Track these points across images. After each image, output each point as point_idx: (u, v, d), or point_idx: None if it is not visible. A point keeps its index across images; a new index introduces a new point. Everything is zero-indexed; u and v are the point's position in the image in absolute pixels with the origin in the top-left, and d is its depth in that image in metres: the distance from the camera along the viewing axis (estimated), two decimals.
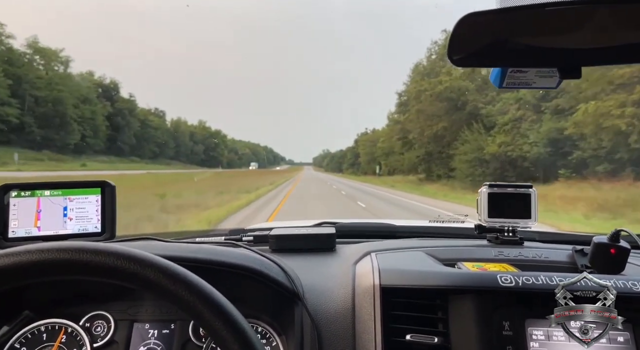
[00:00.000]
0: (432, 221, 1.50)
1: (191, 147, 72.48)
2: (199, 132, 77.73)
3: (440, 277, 0.85)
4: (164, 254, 0.59)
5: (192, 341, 0.90)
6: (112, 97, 53.00)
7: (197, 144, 74.73)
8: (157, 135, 58.95)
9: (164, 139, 60.66)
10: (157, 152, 59.85)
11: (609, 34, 0.64)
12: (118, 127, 50.84)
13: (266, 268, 0.86)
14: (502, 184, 1.06)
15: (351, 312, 0.85)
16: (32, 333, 0.90)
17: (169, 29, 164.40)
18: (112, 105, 51.30)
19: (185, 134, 70.39)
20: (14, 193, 0.93)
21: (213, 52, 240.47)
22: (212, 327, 0.52)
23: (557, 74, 0.74)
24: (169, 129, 65.62)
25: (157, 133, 59.14)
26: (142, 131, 56.03)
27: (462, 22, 0.63)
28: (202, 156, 75.19)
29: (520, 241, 1.07)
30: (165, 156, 62.09)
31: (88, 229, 0.97)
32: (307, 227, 1.28)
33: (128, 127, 52.98)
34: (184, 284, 0.53)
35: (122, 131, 51.44)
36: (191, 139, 73.05)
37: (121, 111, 52.05)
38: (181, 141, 68.14)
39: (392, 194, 21.59)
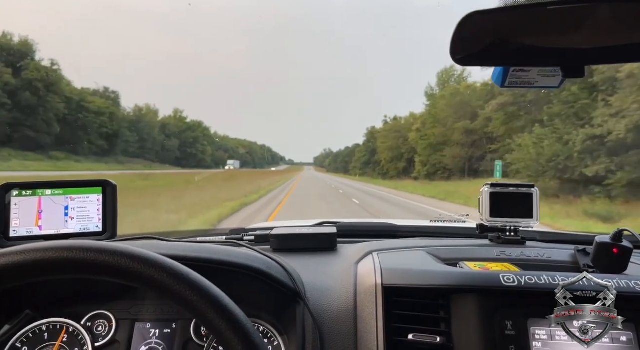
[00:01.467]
0: (433, 221, 1.50)
1: (162, 141, 56.99)
2: (174, 123, 62.04)
3: (443, 277, 0.85)
4: (166, 253, 0.59)
5: (193, 340, 0.90)
6: (16, 63, 36.20)
7: (169, 137, 59.15)
8: (103, 124, 42.24)
9: (113, 128, 43.83)
10: (106, 146, 43.00)
11: (611, 32, 0.64)
12: (26, 106, 34.35)
13: (268, 267, 0.86)
14: (504, 184, 1.06)
15: (353, 311, 0.85)
16: (33, 332, 0.89)
17: (172, 29, 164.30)
18: (16, 74, 35.02)
19: (152, 125, 54.42)
20: (15, 192, 0.93)
21: (213, 51, 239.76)
22: (216, 327, 0.52)
23: (559, 73, 0.74)
24: (127, 117, 50.34)
25: (102, 121, 42.44)
26: (73, 116, 39.80)
27: (465, 21, 0.63)
28: (177, 153, 60.75)
29: (522, 241, 1.07)
30: (125, 153, 46.31)
31: (89, 228, 0.97)
32: (308, 227, 1.28)
33: (44, 108, 35.89)
34: (189, 284, 0.53)
35: (34, 113, 35.02)
36: (163, 132, 58.05)
37: (32, 84, 35.56)
38: (147, 134, 52.17)
39: None
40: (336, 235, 1.18)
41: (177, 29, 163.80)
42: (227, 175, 42.69)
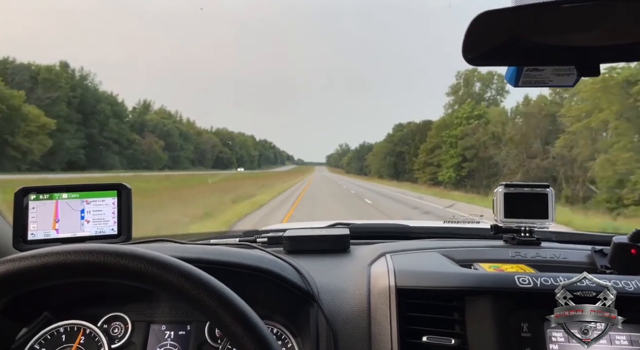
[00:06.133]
0: (446, 222, 1.49)
1: None
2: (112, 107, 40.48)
3: (457, 278, 0.84)
4: (180, 256, 0.59)
5: (208, 343, 0.91)
6: None
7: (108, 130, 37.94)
8: None
9: None
10: None
11: (627, 30, 0.63)
12: None
13: (281, 269, 0.86)
14: (519, 184, 1.05)
15: (367, 313, 0.85)
16: (51, 334, 0.91)
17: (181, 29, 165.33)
18: None
19: None
20: (32, 196, 0.95)
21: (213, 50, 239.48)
22: (232, 331, 0.52)
23: (574, 71, 0.73)
24: None
25: None
26: None
27: (477, 20, 0.62)
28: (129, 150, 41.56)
29: (538, 241, 1.05)
30: None
31: (105, 231, 0.98)
32: (321, 228, 1.28)
33: None
34: (205, 287, 0.53)
35: None
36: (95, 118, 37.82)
37: None
38: None
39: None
40: (349, 237, 1.18)
41: (186, 28, 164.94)
42: None
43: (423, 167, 37.14)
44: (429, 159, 36.08)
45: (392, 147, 48.71)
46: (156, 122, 49.13)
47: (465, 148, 30.27)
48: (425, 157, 36.71)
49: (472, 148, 29.69)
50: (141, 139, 43.78)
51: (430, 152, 36.14)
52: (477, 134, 29.51)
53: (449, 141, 33.06)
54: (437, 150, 35.05)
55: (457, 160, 31.48)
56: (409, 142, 43.08)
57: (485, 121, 30.24)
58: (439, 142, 34.83)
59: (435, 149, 35.30)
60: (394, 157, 47.66)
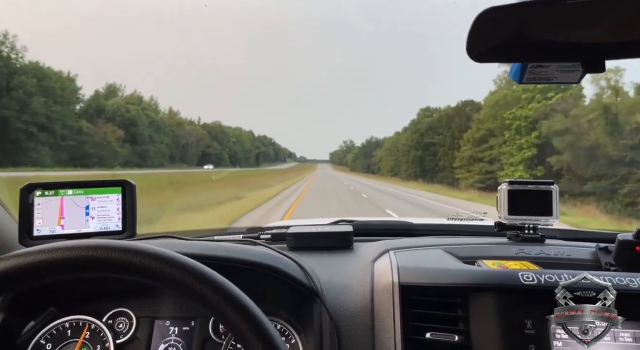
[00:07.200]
0: (450, 219, 1.49)
1: None
2: None
3: (460, 275, 0.84)
4: (185, 252, 0.59)
5: (212, 338, 0.91)
6: None
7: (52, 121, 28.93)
8: None
9: None
10: None
11: (632, 26, 0.62)
12: None
13: (285, 266, 0.86)
14: (523, 181, 1.05)
15: (370, 310, 0.85)
16: (57, 329, 0.92)
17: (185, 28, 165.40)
18: None
19: None
20: (38, 192, 0.95)
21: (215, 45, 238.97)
22: (237, 327, 0.53)
23: (579, 68, 0.73)
24: None
25: None
26: None
27: (481, 17, 0.62)
28: None
29: (542, 239, 1.05)
30: None
31: (109, 228, 0.99)
32: (324, 225, 1.28)
33: None
34: (209, 283, 0.53)
35: None
36: None
37: None
38: None
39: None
40: (352, 234, 1.18)
41: (188, 27, 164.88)
42: None
43: (468, 163, 26.36)
44: (477, 153, 25.46)
45: (418, 138, 35.76)
46: (116, 107, 37.15)
47: (551, 134, 19.25)
48: (472, 149, 25.89)
49: (566, 133, 18.36)
50: (92, 127, 32.84)
51: (480, 143, 25.12)
52: (574, 111, 18.11)
53: (515, 125, 22.35)
54: (491, 140, 24.17)
55: (529, 153, 21.26)
56: (441, 131, 32.02)
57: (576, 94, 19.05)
58: (497, 127, 23.95)
59: (489, 138, 24.51)
60: (420, 151, 35.27)
